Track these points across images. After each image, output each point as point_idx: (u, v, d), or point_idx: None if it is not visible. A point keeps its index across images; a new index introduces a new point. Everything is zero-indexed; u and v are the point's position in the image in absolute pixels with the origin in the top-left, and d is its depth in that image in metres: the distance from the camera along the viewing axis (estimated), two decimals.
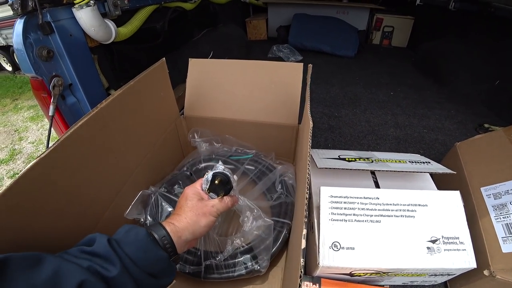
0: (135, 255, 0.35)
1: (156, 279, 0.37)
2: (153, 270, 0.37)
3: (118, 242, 0.36)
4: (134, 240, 0.37)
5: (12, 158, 2.44)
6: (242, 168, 0.67)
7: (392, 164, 0.66)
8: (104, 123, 0.49)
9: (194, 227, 0.43)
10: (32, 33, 0.70)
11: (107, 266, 0.33)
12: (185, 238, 0.42)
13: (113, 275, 0.32)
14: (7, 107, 3.47)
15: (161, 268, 0.38)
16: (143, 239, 0.37)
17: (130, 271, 0.34)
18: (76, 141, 0.43)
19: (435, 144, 1.12)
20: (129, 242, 0.36)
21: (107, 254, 0.34)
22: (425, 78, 1.73)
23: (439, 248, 0.53)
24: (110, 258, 0.33)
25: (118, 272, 0.33)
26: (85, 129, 0.45)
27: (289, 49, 1.98)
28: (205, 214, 0.45)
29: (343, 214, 0.52)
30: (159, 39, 1.12)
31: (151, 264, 0.36)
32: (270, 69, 0.71)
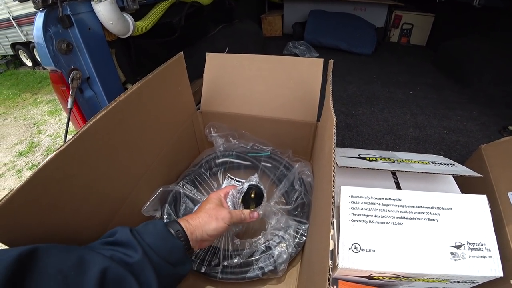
0: (154, 243, 0.38)
1: (173, 267, 0.39)
2: (170, 258, 0.39)
3: (138, 232, 0.39)
4: (152, 230, 0.40)
5: (31, 150, 2.52)
6: (261, 166, 0.66)
7: (414, 165, 0.63)
8: (121, 117, 0.48)
9: (204, 228, 0.46)
10: (52, 26, 0.71)
11: (129, 252, 0.35)
12: (195, 236, 0.44)
13: (135, 261, 0.34)
14: (27, 101, 3.59)
15: (177, 257, 0.40)
16: (161, 229, 0.40)
17: (149, 257, 0.36)
18: (94, 134, 0.43)
19: (456, 146, 1.07)
20: (148, 232, 0.39)
21: (129, 241, 0.36)
22: (446, 77, 1.67)
23: (463, 254, 0.51)
24: (131, 245, 0.36)
25: (139, 257, 0.35)
26: (103, 123, 0.44)
27: (305, 45, 1.96)
28: (218, 218, 0.47)
29: (364, 215, 0.50)
30: (176, 34, 1.13)
31: (168, 252, 0.39)
32: (289, 65, 0.70)
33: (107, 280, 0.31)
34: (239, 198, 0.52)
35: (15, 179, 2.22)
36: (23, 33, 4.16)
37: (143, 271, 0.35)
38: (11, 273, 0.25)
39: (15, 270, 0.26)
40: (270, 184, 0.67)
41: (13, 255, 0.26)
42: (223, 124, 0.74)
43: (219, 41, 1.42)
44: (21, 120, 3.12)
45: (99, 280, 0.30)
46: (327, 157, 0.39)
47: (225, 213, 0.48)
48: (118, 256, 0.35)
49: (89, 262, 0.31)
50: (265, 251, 0.54)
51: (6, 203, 0.32)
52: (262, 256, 0.53)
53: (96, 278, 0.30)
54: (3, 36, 4.57)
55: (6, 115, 3.31)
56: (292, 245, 0.52)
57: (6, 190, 2.11)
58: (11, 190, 0.33)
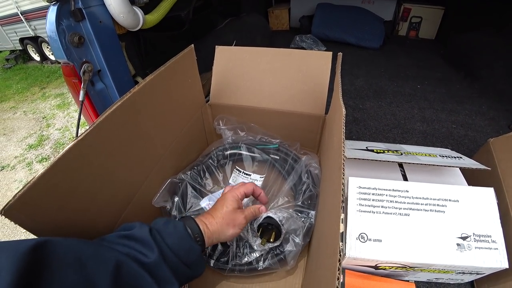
0: (173, 244, 0.38)
1: (188, 269, 0.40)
2: (187, 260, 0.39)
3: (158, 232, 0.39)
4: (173, 231, 0.40)
5: (41, 143, 2.57)
6: (270, 159, 0.67)
7: (422, 157, 0.63)
8: (136, 108, 0.50)
9: (221, 234, 0.46)
10: (65, 19, 0.72)
11: (145, 251, 0.35)
12: (211, 241, 0.45)
13: (150, 261, 0.34)
14: (36, 95, 3.64)
15: (193, 259, 0.40)
16: (181, 231, 0.40)
17: (167, 258, 0.36)
18: (110, 125, 0.44)
19: (464, 140, 1.07)
20: (168, 233, 0.39)
21: (146, 240, 0.36)
22: (455, 71, 1.64)
23: (469, 245, 0.51)
24: (149, 244, 0.36)
25: (155, 257, 0.35)
26: (119, 114, 0.46)
27: (312, 39, 1.94)
28: (235, 225, 0.48)
29: (371, 206, 0.51)
30: (184, 27, 1.13)
31: (185, 254, 0.39)
32: (298, 58, 0.70)
33: (122, 273, 0.31)
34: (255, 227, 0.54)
35: (26, 171, 2.26)
36: (31, 28, 4.20)
37: (159, 270, 0.35)
38: (26, 262, 0.25)
39: (31, 259, 0.25)
40: (279, 178, 0.68)
41: (30, 244, 0.26)
42: (232, 117, 0.75)
43: (227, 35, 1.42)
44: (30, 114, 3.17)
45: (115, 274, 0.30)
46: (336, 146, 0.40)
47: (241, 219, 0.48)
48: (133, 254, 0.35)
49: (105, 254, 0.32)
50: (274, 251, 0.55)
51: (30, 189, 0.33)
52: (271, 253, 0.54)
53: (112, 271, 0.30)
54: (11, 31, 4.62)
55: (16, 109, 3.36)
56: (300, 242, 0.53)
57: (17, 182, 2.15)
58: (32, 178, 0.35)
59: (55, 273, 0.26)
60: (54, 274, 0.26)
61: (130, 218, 0.51)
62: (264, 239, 0.52)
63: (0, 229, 1.78)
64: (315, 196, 0.60)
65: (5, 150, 2.57)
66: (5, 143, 2.68)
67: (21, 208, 0.33)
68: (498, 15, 1.68)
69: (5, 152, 2.54)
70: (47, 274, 0.26)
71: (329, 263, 0.26)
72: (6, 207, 0.32)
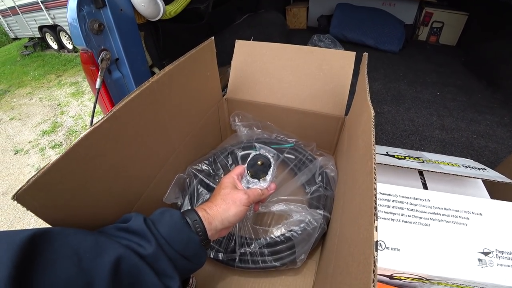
0: (169, 235, 0.36)
1: (188, 261, 0.38)
2: (185, 252, 0.37)
3: (153, 222, 0.37)
4: (168, 221, 0.38)
5: (54, 130, 2.61)
6: (282, 157, 0.65)
7: (444, 166, 0.61)
8: (153, 99, 0.49)
9: (223, 216, 0.44)
10: (86, 6, 0.72)
11: (142, 243, 0.34)
12: (214, 225, 0.43)
13: (149, 253, 0.33)
14: (52, 83, 3.71)
15: (193, 250, 0.38)
16: (177, 221, 0.38)
17: (164, 249, 0.35)
18: (126, 114, 0.43)
19: (485, 151, 1.03)
20: (164, 223, 0.37)
21: (142, 232, 0.35)
22: (477, 80, 1.59)
23: (491, 261, 0.49)
24: (145, 236, 0.35)
25: (153, 249, 0.34)
26: (136, 103, 0.44)
27: (330, 39, 1.91)
28: (235, 202, 0.45)
29: (391, 213, 0.49)
30: (203, 20, 1.12)
31: (183, 245, 0.37)
32: (320, 56, 0.68)
33: (121, 267, 0.31)
34: (247, 171, 0.50)
35: (38, 156, 2.31)
36: (50, 17, 4.28)
37: (158, 262, 0.34)
38: (22, 254, 0.24)
39: (28, 250, 0.25)
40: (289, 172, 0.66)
41: (27, 235, 0.26)
42: (248, 114, 0.73)
43: (244, 31, 1.40)
44: (45, 101, 3.23)
45: (114, 267, 0.30)
46: (363, 149, 0.38)
47: (241, 195, 0.46)
48: (132, 247, 0.34)
49: (105, 247, 0.31)
50: (285, 241, 0.53)
51: (43, 176, 0.32)
52: (281, 246, 0.53)
53: (111, 264, 0.30)
54: (31, 19, 4.72)
55: (32, 95, 3.44)
56: (314, 236, 0.51)
57: (29, 166, 2.20)
58: (46, 164, 0.34)
59: (50, 266, 0.26)
60: (50, 266, 0.26)
61: (142, 211, 0.50)
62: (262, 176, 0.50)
63: (12, 210, 1.82)
64: (327, 197, 0.58)
65: (19, 134, 2.63)
66: (20, 128, 2.74)
67: (33, 194, 0.32)
68: None
69: (20, 136, 2.60)
70: (43, 266, 0.26)
71: (358, 272, 0.25)
72: (19, 192, 0.31)
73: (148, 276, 0.32)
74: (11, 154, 2.37)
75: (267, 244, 0.53)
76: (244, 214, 0.46)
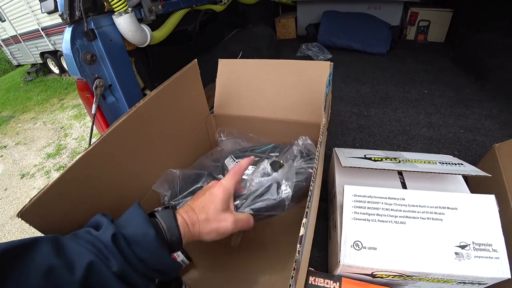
0: (141, 255, 0.35)
1: (161, 275, 0.38)
2: (158, 268, 0.37)
3: (125, 238, 0.35)
4: (142, 240, 0.36)
5: (59, 152, 2.69)
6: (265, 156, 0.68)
7: (420, 164, 0.64)
8: (141, 121, 0.53)
9: (200, 238, 0.43)
10: (79, 39, 0.77)
11: (110, 257, 0.33)
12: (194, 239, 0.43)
13: (115, 270, 0.33)
14: (55, 106, 3.82)
15: (167, 266, 0.38)
16: (151, 241, 0.36)
17: (134, 266, 0.34)
18: (116, 137, 0.48)
19: (472, 145, 1.05)
20: (137, 242, 0.35)
21: (109, 247, 0.33)
22: (465, 75, 1.61)
23: (468, 254, 0.51)
24: (112, 251, 0.33)
25: (118, 267, 0.33)
26: (125, 127, 0.49)
27: (318, 47, 1.96)
28: (219, 233, 0.44)
29: (366, 214, 0.52)
30: (191, 40, 1.18)
31: (155, 263, 0.36)
32: (298, 68, 0.73)
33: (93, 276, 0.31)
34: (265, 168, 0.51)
35: (44, 179, 2.37)
36: (51, 43, 4.43)
37: (128, 277, 0.33)
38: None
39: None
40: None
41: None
42: (233, 130, 0.77)
43: (234, 46, 1.46)
44: (49, 124, 3.33)
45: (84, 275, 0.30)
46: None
47: (229, 225, 0.44)
48: (101, 258, 0.33)
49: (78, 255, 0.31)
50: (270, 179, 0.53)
51: (43, 195, 0.38)
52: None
53: (82, 273, 0.30)
54: (33, 45, 4.89)
55: (36, 120, 3.54)
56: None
57: (36, 189, 2.26)
58: (46, 184, 0.39)
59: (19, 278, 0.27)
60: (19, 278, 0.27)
61: None
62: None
63: (21, 234, 1.87)
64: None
65: (25, 158, 2.71)
66: (25, 152, 2.82)
67: (35, 212, 0.38)
68: (506, 16, 1.65)
69: (25, 160, 2.68)
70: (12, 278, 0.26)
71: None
72: (23, 210, 0.36)
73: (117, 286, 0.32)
74: (18, 178, 2.44)
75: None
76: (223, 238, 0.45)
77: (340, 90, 1.49)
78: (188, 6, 1.12)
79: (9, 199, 2.20)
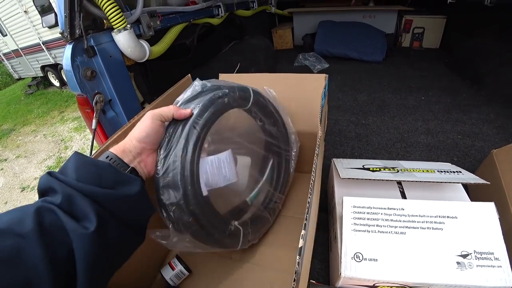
0: (77, 173, 0.35)
1: (111, 190, 0.36)
2: (102, 182, 0.36)
3: (61, 171, 0.36)
4: (72, 162, 0.36)
5: (59, 165, 2.69)
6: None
7: (418, 174, 0.64)
8: None
9: (132, 135, 0.44)
10: (79, 56, 0.78)
11: (52, 195, 0.33)
12: (128, 150, 0.43)
13: (60, 200, 0.32)
14: (55, 119, 3.83)
15: (111, 177, 0.37)
16: (79, 158, 0.37)
17: (77, 188, 0.33)
18: None
19: (471, 151, 1.05)
20: (69, 167, 0.36)
21: (48, 185, 0.34)
22: (461, 80, 1.63)
23: (470, 263, 0.51)
24: (52, 187, 0.33)
25: (62, 195, 0.32)
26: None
27: (315, 57, 1.98)
28: (143, 118, 0.44)
29: (366, 225, 0.52)
30: (189, 54, 1.20)
31: (97, 177, 0.36)
32: (294, 81, 0.74)
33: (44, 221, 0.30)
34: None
35: None
36: (51, 56, 4.49)
37: (74, 205, 0.33)
38: None
39: None
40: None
41: None
42: None
43: (231, 58, 1.48)
44: (50, 137, 3.33)
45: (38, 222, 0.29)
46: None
47: (147, 112, 0.45)
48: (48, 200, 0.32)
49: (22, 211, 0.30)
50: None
51: None
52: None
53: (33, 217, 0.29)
54: (33, 59, 4.95)
55: (37, 132, 3.55)
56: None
57: None
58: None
59: None
60: None
61: None
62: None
63: None
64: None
65: (25, 171, 2.71)
66: (26, 165, 2.82)
67: None
68: (499, 21, 1.68)
69: (26, 173, 2.68)
70: None
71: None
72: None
73: (66, 221, 0.31)
74: (18, 191, 2.44)
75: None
76: (152, 129, 0.44)
77: (338, 99, 1.51)
78: (186, 20, 1.15)
79: None
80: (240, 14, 1.70)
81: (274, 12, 2.38)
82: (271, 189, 0.65)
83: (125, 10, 0.87)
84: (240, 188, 0.62)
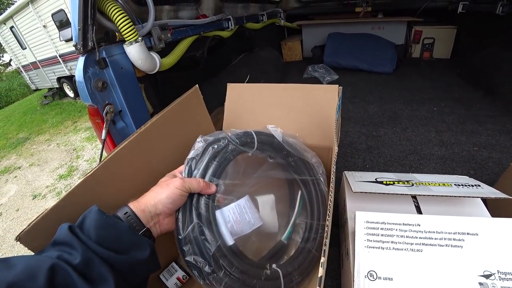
0: (97, 234, 0.36)
1: (127, 255, 0.37)
2: (119, 246, 0.37)
3: (79, 226, 0.36)
4: (93, 220, 0.37)
5: (70, 174, 2.73)
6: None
7: (435, 188, 0.61)
8: (142, 147, 0.54)
9: (156, 199, 0.44)
10: (91, 68, 0.80)
11: (71, 251, 0.33)
12: (148, 210, 0.43)
13: (78, 261, 0.32)
14: (68, 129, 3.93)
15: (127, 241, 0.38)
16: (100, 217, 0.37)
17: (95, 251, 0.34)
18: (117, 162, 0.49)
19: (488, 163, 1.01)
20: (89, 224, 0.36)
21: (68, 240, 0.34)
22: (474, 90, 1.59)
23: (494, 284, 0.47)
24: (71, 244, 0.34)
25: (82, 256, 0.33)
26: (125, 152, 0.51)
27: (324, 68, 1.98)
28: (169, 186, 0.45)
29: (380, 241, 0.50)
30: (199, 66, 1.21)
31: (114, 239, 0.37)
32: (306, 92, 0.73)
33: (56, 278, 0.30)
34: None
35: (55, 200, 2.38)
36: (67, 68, 4.65)
37: (92, 268, 0.33)
38: None
39: None
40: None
41: None
42: None
43: (241, 70, 1.49)
44: (62, 146, 3.41)
45: (49, 278, 0.29)
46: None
47: (176, 179, 0.46)
48: (64, 257, 0.33)
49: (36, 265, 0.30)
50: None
51: (42, 219, 0.38)
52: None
53: (46, 276, 0.29)
54: (50, 71, 5.14)
55: (50, 142, 3.63)
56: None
57: None
58: (46, 209, 0.39)
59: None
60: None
61: None
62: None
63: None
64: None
65: (38, 179, 2.76)
66: (38, 173, 2.87)
67: (34, 235, 0.38)
68: (507, 29, 1.65)
69: (38, 181, 2.72)
70: None
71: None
72: (21, 234, 0.36)
73: (80, 284, 0.31)
74: (30, 199, 2.48)
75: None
76: (179, 199, 0.45)
77: (348, 110, 1.49)
78: (196, 33, 1.16)
79: (20, 220, 2.22)
80: (250, 27, 1.73)
81: (283, 25, 2.41)
82: (308, 220, 0.61)
83: (137, 23, 0.89)
84: (272, 229, 0.59)
